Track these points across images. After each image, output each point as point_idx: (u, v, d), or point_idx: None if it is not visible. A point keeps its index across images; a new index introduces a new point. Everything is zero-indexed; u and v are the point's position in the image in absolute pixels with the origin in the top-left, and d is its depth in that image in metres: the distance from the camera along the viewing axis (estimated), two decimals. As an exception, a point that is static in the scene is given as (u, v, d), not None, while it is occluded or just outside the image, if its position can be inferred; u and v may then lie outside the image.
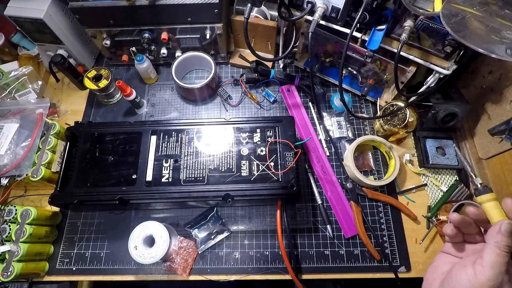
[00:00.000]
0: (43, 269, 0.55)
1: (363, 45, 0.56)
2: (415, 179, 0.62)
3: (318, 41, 0.64)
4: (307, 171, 0.62)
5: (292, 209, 0.59)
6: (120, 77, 0.76)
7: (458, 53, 0.50)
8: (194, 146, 0.55)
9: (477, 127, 0.61)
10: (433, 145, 0.62)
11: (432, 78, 0.55)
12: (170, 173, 0.53)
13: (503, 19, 0.41)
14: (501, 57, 0.38)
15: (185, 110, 0.71)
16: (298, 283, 0.53)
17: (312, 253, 0.56)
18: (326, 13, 0.53)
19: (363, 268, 0.55)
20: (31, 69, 0.68)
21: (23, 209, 0.53)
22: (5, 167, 0.55)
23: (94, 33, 0.65)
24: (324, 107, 0.69)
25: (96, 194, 0.51)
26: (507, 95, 0.53)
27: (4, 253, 0.50)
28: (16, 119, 0.60)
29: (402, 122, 0.60)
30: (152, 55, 0.70)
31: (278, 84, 0.71)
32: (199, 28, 0.65)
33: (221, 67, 0.76)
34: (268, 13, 0.69)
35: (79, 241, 0.58)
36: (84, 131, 0.57)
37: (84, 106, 0.72)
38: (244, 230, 0.58)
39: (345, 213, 0.59)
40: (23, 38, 0.75)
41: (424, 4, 0.46)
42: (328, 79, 0.71)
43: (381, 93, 0.68)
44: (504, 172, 0.54)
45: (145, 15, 0.61)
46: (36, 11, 0.59)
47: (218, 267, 0.55)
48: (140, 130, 0.56)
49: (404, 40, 0.48)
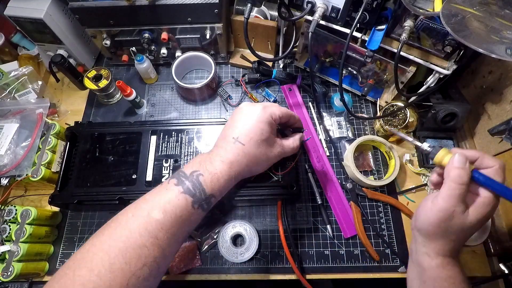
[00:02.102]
0: (43, 269, 0.55)
1: (363, 45, 0.56)
2: (415, 179, 0.62)
3: (318, 41, 0.64)
4: (307, 171, 0.62)
5: (292, 209, 0.59)
6: (120, 77, 0.76)
7: (458, 53, 0.50)
8: (194, 146, 0.55)
9: (477, 127, 0.61)
10: (433, 145, 0.62)
11: (432, 78, 0.55)
12: (170, 173, 0.53)
13: (503, 19, 0.41)
14: (501, 57, 0.38)
15: (185, 110, 0.71)
16: (306, 282, 0.53)
17: (312, 253, 0.56)
18: (326, 13, 0.53)
19: (363, 268, 0.55)
20: (31, 69, 0.68)
21: (23, 209, 0.53)
22: (5, 167, 0.55)
23: (94, 33, 0.65)
24: (324, 107, 0.69)
25: (96, 194, 0.51)
26: (507, 95, 0.53)
27: (4, 253, 0.50)
28: (16, 119, 0.60)
29: (403, 123, 0.60)
30: (152, 55, 0.70)
31: (278, 84, 0.71)
32: (199, 28, 0.65)
33: (221, 67, 0.76)
34: (268, 13, 0.69)
35: (79, 241, 0.58)
36: (84, 131, 0.57)
37: (84, 106, 0.72)
38: (244, 230, 0.58)
39: (344, 213, 0.59)
40: (23, 38, 0.75)
41: (424, 4, 0.46)
42: (328, 79, 0.71)
43: (381, 93, 0.68)
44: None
45: (145, 15, 0.61)
46: (36, 11, 0.59)
47: (218, 267, 0.55)
48: (140, 130, 0.56)
49: (404, 40, 0.48)
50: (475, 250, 0.56)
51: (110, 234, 0.34)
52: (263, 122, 0.41)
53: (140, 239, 0.33)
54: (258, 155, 0.41)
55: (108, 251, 0.32)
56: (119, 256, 0.32)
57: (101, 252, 0.32)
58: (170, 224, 0.35)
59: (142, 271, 0.32)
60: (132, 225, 0.34)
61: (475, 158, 0.36)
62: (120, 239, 0.33)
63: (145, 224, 0.34)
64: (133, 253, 0.32)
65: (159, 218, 0.35)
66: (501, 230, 0.54)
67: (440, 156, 0.37)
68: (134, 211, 0.36)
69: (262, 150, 0.41)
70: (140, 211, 0.36)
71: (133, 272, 0.32)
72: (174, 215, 0.35)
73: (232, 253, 0.54)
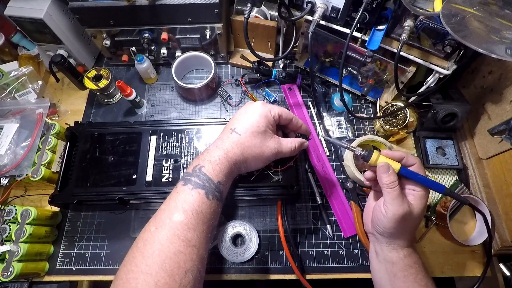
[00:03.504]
0: (43, 269, 0.55)
1: (363, 45, 0.56)
2: (415, 179, 0.62)
3: (318, 41, 0.64)
4: (307, 171, 0.62)
5: (292, 209, 0.59)
6: (120, 77, 0.76)
7: (458, 53, 0.50)
8: (194, 146, 0.55)
9: (477, 127, 0.61)
10: (433, 145, 0.63)
11: (432, 78, 0.55)
12: (170, 173, 0.53)
13: (503, 19, 0.41)
14: (501, 57, 0.38)
15: (185, 110, 0.71)
16: (306, 282, 0.53)
17: (312, 253, 0.56)
18: (326, 13, 0.53)
19: (363, 268, 0.55)
20: (31, 69, 0.68)
21: (23, 209, 0.53)
22: (5, 167, 0.55)
23: (94, 33, 0.65)
24: (324, 107, 0.69)
25: (96, 194, 0.51)
26: (507, 95, 0.53)
27: (4, 253, 0.50)
28: (16, 119, 0.60)
29: (403, 123, 0.60)
30: (152, 55, 0.70)
31: (278, 84, 0.71)
32: (199, 28, 0.65)
33: (221, 67, 0.76)
34: (268, 13, 0.69)
35: (79, 241, 0.58)
36: (84, 131, 0.57)
37: (84, 106, 0.72)
38: (244, 230, 0.58)
39: (344, 213, 0.59)
40: (23, 38, 0.75)
41: (424, 4, 0.46)
42: (328, 79, 0.71)
43: (381, 93, 0.68)
44: (504, 172, 0.54)
45: (145, 15, 0.61)
46: (36, 11, 0.59)
47: (218, 267, 0.55)
48: (140, 130, 0.56)
49: (404, 40, 0.48)
50: (475, 250, 0.56)
51: (143, 254, 0.33)
52: (260, 115, 0.43)
53: (173, 246, 0.33)
54: (253, 146, 0.42)
55: (148, 271, 0.31)
56: (160, 271, 0.31)
57: (142, 275, 0.31)
58: (195, 222, 0.35)
59: (186, 279, 0.32)
60: (160, 236, 0.33)
61: (402, 158, 0.43)
62: (154, 254, 0.32)
63: (172, 230, 0.34)
64: (172, 263, 0.32)
65: (182, 219, 0.34)
66: (501, 230, 0.54)
67: (374, 160, 0.43)
68: (156, 224, 0.35)
69: (257, 142, 0.42)
70: (161, 221, 0.35)
71: (179, 283, 0.31)
72: (196, 212, 0.35)
73: (232, 253, 0.54)
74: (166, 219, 0.35)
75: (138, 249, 0.34)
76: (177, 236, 0.33)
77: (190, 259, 0.33)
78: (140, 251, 0.33)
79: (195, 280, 0.33)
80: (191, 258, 0.33)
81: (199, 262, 0.34)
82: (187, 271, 0.32)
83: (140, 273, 0.31)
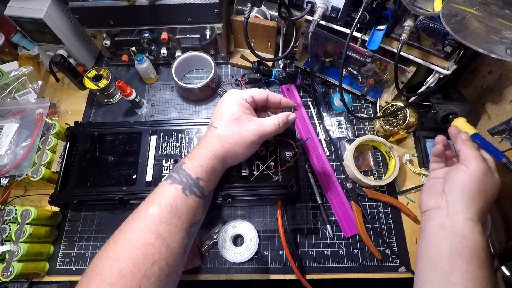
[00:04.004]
0: (43, 269, 0.55)
1: (363, 45, 0.56)
2: (415, 179, 0.62)
3: (318, 41, 0.64)
4: (307, 171, 0.62)
5: (292, 209, 0.59)
6: (120, 77, 0.76)
7: (458, 53, 0.50)
8: (194, 146, 0.55)
9: (477, 127, 0.61)
10: (433, 145, 0.62)
11: (432, 78, 0.55)
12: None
13: (503, 19, 0.41)
14: (501, 57, 0.38)
15: (185, 110, 0.71)
16: (306, 282, 0.53)
17: (312, 253, 0.56)
18: (326, 13, 0.53)
19: (363, 268, 0.55)
20: (31, 69, 0.68)
21: (23, 209, 0.53)
22: (5, 167, 0.55)
23: (94, 33, 0.65)
24: (324, 107, 0.69)
25: (96, 194, 0.51)
26: (507, 95, 0.53)
27: (4, 253, 0.50)
28: (16, 119, 0.60)
29: (403, 123, 0.60)
30: (152, 55, 0.70)
31: (278, 84, 0.71)
32: (199, 28, 0.65)
33: (221, 67, 0.76)
34: (268, 13, 0.69)
35: (79, 241, 0.58)
36: (84, 131, 0.57)
37: (84, 106, 0.72)
38: (244, 230, 0.58)
39: (345, 213, 0.59)
40: (23, 38, 0.75)
41: (424, 4, 0.46)
42: (328, 79, 0.71)
43: (381, 93, 0.68)
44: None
45: (145, 15, 0.61)
46: (36, 11, 0.59)
47: (218, 267, 0.55)
48: (140, 130, 0.56)
49: (404, 40, 0.48)
50: (475, 250, 0.56)
51: (115, 242, 0.34)
52: (231, 103, 0.43)
53: (143, 237, 0.34)
54: (230, 135, 0.42)
55: (115, 258, 0.32)
56: (126, 259, 0.32)
57: (109, 261, 0.32)
58: (168, 216, 0.36)
59: (152, 271, 0.32)
60: (134, 227, 0.35)
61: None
62: (125, 243, 0.34)
63: (145, 222, 0.35)
64: (139, 253, 0.33)
65: (156, 212, 0.36)
66: (501, 230, 0.54)
67: (458, 121, 0.52)
68: (134, 215, 0.37)
69: (234, 129, 0.42)
70: (138, 213, 0.37)
71: (143, 273, 0.32)
72: (170, 206, 0.36)
73: (232, 253, 0.54)
74: (142, 211, 0.37)
75: (113, 237, 0.35)
76: (149, 228, 0.34)
77: (158, 251, 0.34)
78: (114, 239, 0.35)
79: (161, 272, 0.33)
80: (159, 251, 0.34)
81: (169, 255, 0.35)
82: (153, 262, 0.33)
83: (108, 259, 0.33)
